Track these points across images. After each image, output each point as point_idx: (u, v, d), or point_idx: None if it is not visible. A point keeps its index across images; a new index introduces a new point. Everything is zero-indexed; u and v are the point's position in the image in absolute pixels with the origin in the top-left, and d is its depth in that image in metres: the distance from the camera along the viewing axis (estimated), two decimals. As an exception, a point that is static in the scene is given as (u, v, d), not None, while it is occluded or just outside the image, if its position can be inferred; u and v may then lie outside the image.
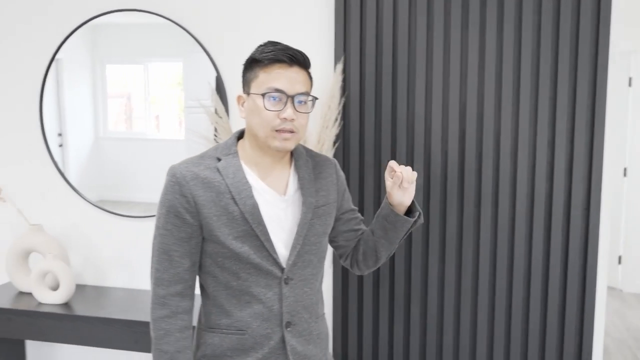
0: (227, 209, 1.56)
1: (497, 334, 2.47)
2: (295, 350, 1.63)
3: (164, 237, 1.59)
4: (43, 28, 2.83)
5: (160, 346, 1.59)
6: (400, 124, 2.45)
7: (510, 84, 2.34)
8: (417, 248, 2.48)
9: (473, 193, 2.42)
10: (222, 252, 1.58)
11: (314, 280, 1.67)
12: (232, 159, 1.59)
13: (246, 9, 2.60)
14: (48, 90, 2.88)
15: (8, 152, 2.96)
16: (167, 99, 2.87)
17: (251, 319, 1.60)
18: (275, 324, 1.61)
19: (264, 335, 1.61)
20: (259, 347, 1.61)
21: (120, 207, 2.89)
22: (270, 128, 1.54)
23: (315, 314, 1.69)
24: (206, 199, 1.56)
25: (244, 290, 1.59)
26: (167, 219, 1.58)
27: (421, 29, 2.39)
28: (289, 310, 1.61)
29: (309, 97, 1.58)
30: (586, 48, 2.26)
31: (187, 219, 1.57)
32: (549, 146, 2.34)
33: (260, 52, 1.56)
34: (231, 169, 1.57)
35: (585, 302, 2.38)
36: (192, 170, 1.57)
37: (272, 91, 1.53)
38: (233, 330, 1.61)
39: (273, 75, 1.54)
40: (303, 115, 1.57)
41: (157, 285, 1.60)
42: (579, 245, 2.36)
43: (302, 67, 1.57)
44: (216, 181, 1.57)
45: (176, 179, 1.56)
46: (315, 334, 1.69)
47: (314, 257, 1.65)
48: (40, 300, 2.66)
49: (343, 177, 1.78)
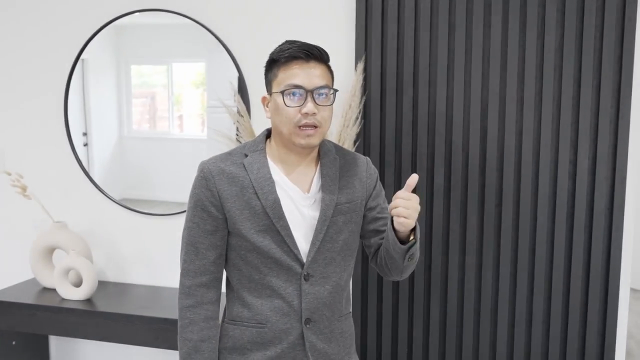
0: (250, 203, 1.59)
1: (517, 336, 2.45)
2: (315, 347, 1.64)
3: (191, 229, 1.64)
4: (68, 29, 2.87)
5: (184, 334, 1.63)
6: (421, 123, 2.44)
7: (532, 82, 2.32)
8: (437, 248, 2.47)
9: (494, 193, 2.40)
10: (244, 246, 1.61)
11: (337, 278, 1.67)
12: (259, 155, 1.63)
13: (268, 9, 2.62)
14: (73, 90, 2.92)
15: (34, 151, 3.01)
16: (190, 99, 2.90)
17: (271, 312, 1.62)
18: (295, 319, 1.62)
19: (283, 330, 1.62)
20: (278, 342, 1.62)
21: (143, 206, 2.92)
22: (292, 125, 1.56)
23: (338, 312, 1.69)
24: (230, 193, 1.60)
25: (265, 284, 1.62)
26: (194, 212, 1.63)
27: (442, 28, 2.38)
28: (308, 307, 1.62)
29: (329, 89, 1.59)
30: (611, 45, 2.23)
31: (213, 212, 1.61)
32: (571, 145, 2.32)
33: (277, 51, 1.60)
34: (256, 165, 1.61)
35: (607, 303, 2.35)
36: (219, 165, 1.62)
37: (290, 88, 1.56)
38: (253, 323, 1.63)
39: (291, 73, 1.56)
40: (325, 108, 1.58)
41: (184, 276, 1.65)
42: (602, 246, 2.33)
43: (320, 61, 1.59)
44: (241, 176, 1.61)
45: (203, 174, 1.62)
46: (337, 332, 1.69)
47: (337, 255, 1.65)
48: (64, 296, 2.70)
49: (375, 175, 1.76)
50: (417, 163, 2.46)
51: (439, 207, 2.45)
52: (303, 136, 1.57)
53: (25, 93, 2.99)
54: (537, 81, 2.33)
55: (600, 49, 2.26)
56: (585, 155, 2.31)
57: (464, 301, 2.48)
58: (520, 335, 2.45)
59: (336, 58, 2.50)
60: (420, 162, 2.45)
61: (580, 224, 2.34)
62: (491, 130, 2.38)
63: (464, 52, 2.38)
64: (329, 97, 1.59)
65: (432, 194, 2.46)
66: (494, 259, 2.44)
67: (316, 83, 1.56)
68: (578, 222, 2.34)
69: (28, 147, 3.02)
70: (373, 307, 2.56)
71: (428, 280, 2.51)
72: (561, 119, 2.31)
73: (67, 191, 2.98)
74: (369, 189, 1.73)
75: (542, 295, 2.41)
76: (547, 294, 2.41)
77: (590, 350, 2.38)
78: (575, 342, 2.39)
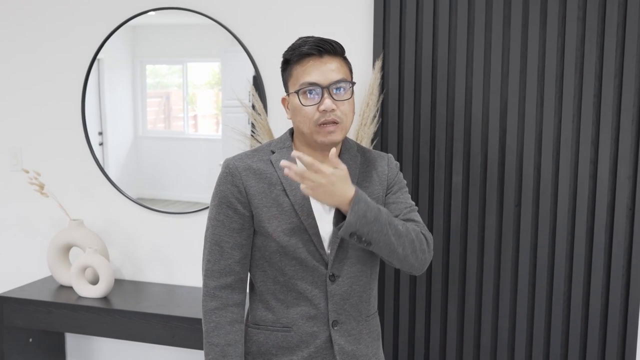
0: (278, 200, 1.55)
1: (536, 336, 2.42)
2: (344, 350, 1.60)
3: (216, 228, 1.59)
4: (85, 29, 2.88)
5: (210, 339, 1.58)
6: (440, 122, 2.42)
7: (552, 80, 2.29)
8: (455, 247, 2.45)
9: (513, 192, 2.38)
10: (270, 246, 1.57)
11: (363, 277, 1.63)
12: (287, 152, 1.60)
13: (284, 7, 2.61)
14: (89, 89, 2.93)
15: (51, 149, 3.02)
16: (205, 98, 2.90)
17: (297, 316, 1.58)
18: (322, 322, 1.58)
19: (310, 334, 1.58)
20: (305, 346, 1.58)
21: (158, 205, 2.92)
22: (312, 123, 1.53)
23: (365, 312, 1.65)
24: (257, 189, 1.56)
25: (291, 287, 1.58)
26: (219, 209, 1.58)
27: (462, 26, 2.36)
28: (335, 309, 1.58)
29: (347, 83, 1.55)
30: (633, 42, 2.20)
31: (239, 209, 1.57)
32: (592, 144, 2.29)
33: (289, 50, 1.57)
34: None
35: (629, 305, 2.31)
36: (246, 161, 1.58)
37: (305, 86, 1.52)
38: (278, 327, 1.60)
39: (304, 70, 1.53)
40: (344, 103, 1.54)
41: (208, 277, 1.59)
42: (624, 247, 2.30)
43: (334, 54, 1.55)
44: (268, 172, 1.57)
45: (229, 170, 1.57)
46: (365, 332, 1.65)
47: (361, 252, 1.61)
48: (80, 294, 2.71)
49: (396, 169, 1.71)
50: (435, 162, 2.44)
51: (457, 206, 2.43)
52: (324, 134, 1.53)
53: (43, 92, 3.00)
54: (558, 79, 2.30)
55: (622, 45, 2.23)
56: (607, 155, 2.27)
57: (482, 302, 2.45)
58: (538, 337, 2.42)
59: (354, 56, 2.49)
60: (438, 160, 2.43)
61: (600, 224, 2.31)
62: (510, 129, 2.36)
63: (483, 50, 2.35)
64: (348, 91, 1.55)
65: (450, 192, 2.43)
66: (512, 259, 2.41)
67: (332, 78, 1.52)
68: (599, 222, 2.31)
69: (45, 145, 3.03)
70: (390, 307, 2.55)
71: (446, 281, 2.49)
72: (582, 117, 2.29)
73: (83, 189, 2.99)
74: (390, 183, 1.68)
75: (561, 297, 2.38)
76: (566, 295, 2.38)
77: (611, 352, 2.34)
78: (596, 344, 2.36)
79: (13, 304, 2.69)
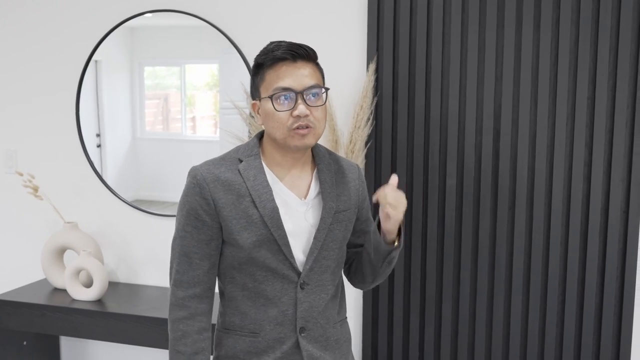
0: (247, 212, 1.53)
1: (530, 338, 2.41)
2: (312, 355, 1.60)
3: (184, 239, 1.57)
4: (79, 29, 2.88)
5: (177, 347, 1.57)
6: (434, 124, 2.42)
7: (546, 83, 2.29)
8: (450, 249, 2.45)
9: (507, 195, 2.38)
10: (239, 256, 1.56)
11: (331, 286, 1.63)
12: (254, 160, 1.57)
13: (279, 11, 2.61)
14: (87, 91, 2.93)
15: (46, 152, 3.02)
16: (203, 100, 2.90)
17: (265, 321, 1.58)
18: (289, 328, 1.58)
19: (277, 339, 1.58)
20: (271, 351, 1.58)
21: (156, 207, 2.92)
22: (286, 128, 1.50)
23: (332, 319, 1.66)
24: (226, 201, 1.54)
25: (260, 292, 1.57)
26: (187, 220, 1.56)
27: (455, 28, 2.36)
28: (303, 316, 1.58)
29: (320, 89, 1.53)
30: (627, 45, 2.20)
31: (207, 221, 1.55)
32: (586, 147, 2.29)
33: (262, 54, 1.54)
34: (252, 172, 1.55)
35: (623, 307, 2.31)
36: (213, 172, 1.55)
37: (279, 91, 1.49)
38: (246, 332, 1.60)
39: (278, 75, 1.50)
40: (317, 109, 1.52)
41: (177, 287, 1.58)
42: (617, 249, 2.29)
43: (307, 60, 1.53)
44: (237, 183, 1.54)
45: (197, 181, 1.55)
46: (332, 339, 1.65)
47: (332, 262, 1.62)
48: (74, 297, 2.70)
49: (365, 184, 1.73)
50: (429, 164, 2.43)
51: (451, 209, 2.43)
52: (298, 137, 1.50)
53: (37, 94, 3.00)
54: (552, 81, 2.30)
55: (616, 48, 2.23)
56: (601, 157, 2.27)
57: (477, 303, 2.45)
58: (533, 338, 2.41)
59: (348, 59, 2.51)
60: (432, 163, 2.43)
61: (595, 226, 2.31)
62: (504, 132, 2.35)
63: (476, 53, 2.35)
64: (321, 97, 1.53)
65: (445, 195, 2.43)
66: (506, 261, 2.41)
67: (306, 83, 1.50)
68: (593, 224, 2.31)
69: (40, 148, 3.03)
70: (384, 308, 2.54)
71: (440, 282, 2.48)
72: (576, 119, 2.28)
73: (78, 192, 2.98)
74: (362, 197, 1.69)
75: (555, 299, 2.37)
76: (561, 297, 2.37)
77: (605, 354, 2.34)
78: (590, 346, 2.36)
79: (7, 307, 2.68)
